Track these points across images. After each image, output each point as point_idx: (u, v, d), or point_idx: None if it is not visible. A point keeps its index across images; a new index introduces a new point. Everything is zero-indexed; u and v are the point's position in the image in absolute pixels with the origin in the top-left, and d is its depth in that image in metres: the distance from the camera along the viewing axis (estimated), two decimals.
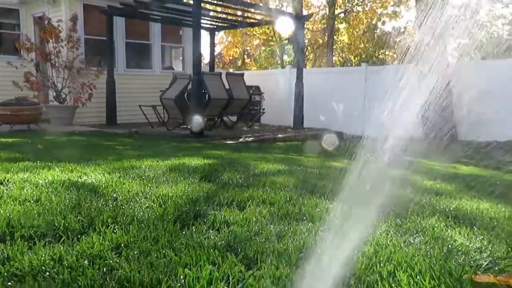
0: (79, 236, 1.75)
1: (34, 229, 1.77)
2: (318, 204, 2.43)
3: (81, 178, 2.85)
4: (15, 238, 1.67)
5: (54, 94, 9.56)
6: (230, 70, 20.58)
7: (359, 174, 3.94)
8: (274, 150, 6.76)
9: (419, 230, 2.01)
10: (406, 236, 1.90)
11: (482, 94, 10.70)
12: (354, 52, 26.26)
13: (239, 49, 28.70)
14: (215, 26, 12.42)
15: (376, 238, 1.83)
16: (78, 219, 1.93)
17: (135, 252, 1.57)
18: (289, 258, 1.56)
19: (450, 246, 1.76)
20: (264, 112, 12.25)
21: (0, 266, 1.42)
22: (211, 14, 12.21)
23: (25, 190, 2.43)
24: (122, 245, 1.65)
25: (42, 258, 1.47)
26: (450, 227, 2.08)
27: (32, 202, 2.20)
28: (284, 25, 12.13)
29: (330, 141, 9.00)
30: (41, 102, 9.25)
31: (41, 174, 2.96)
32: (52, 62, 9.45)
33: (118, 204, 2.24)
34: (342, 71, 15.35)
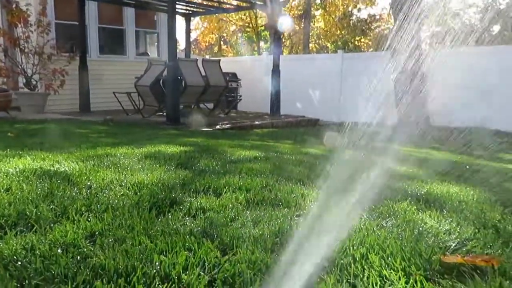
0: (52, 225, 1.72)
1: (5, 218, 1.73)
2: (293, 190, 2.46)
3: (53, 167, 2.79)
4: None
5: (24, 81, 9.26)
6: (207, 57, 20.39)
7: (334, 160, 4.00)
8: (251, 137, 6.77)
9: (392, 213, 2.06)
10: (379, 220, 1.95)
11: (455, 81, 10.94)
12: (330, 39, 26.39)
13: (216, 35, 28.42)
14: (191, 12, 12.23)
15: (349, 222, 1.87)
16: (50, 208, 1.89)
17: (110, 240, 1.56)
18: (264, 243, 1.57)
19: (420, 228, 1.81)
20: (241, 99, 12.22)
21: None
22: None
23: None
24: (97, 233, 1.63)
25: (14, 248, 1.45)
26: (421, 211, 2.14)
27: (2, 191, 2.15)
28: (261, 10, 12.03)
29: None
30: (10, 89, 8.96)
31: (11, 162, 2.88)
32: (21, 47, 9.14)
33: (92, 192, 2.21)
34: (319, 58, 15.41)
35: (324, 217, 1.96)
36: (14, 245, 1.47)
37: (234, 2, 11.61)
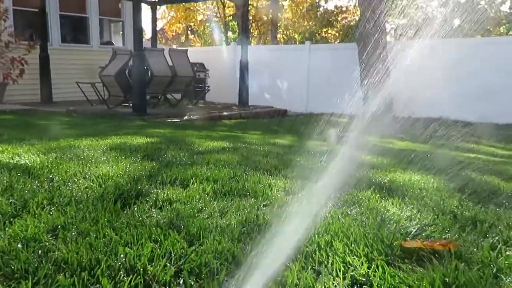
0: (12, 219, 1.66)
1: None
2: (261, 180, 2.47)
3: (13, 159, 2.69)
4: None
5: None
6: (174, 46, 20.04)
7: (301, 150, 4.06)
8: (219, 127, 6.75)
9: (356, 202, 2.11)
10: (344, 208, 1.99)
11: (418, 72, 11.24)
12: (298, 30, 26.49)
13: (182, 24, 27.98)
14: (157, 0, 11.98)
15: (315, 211, 1.91)
16: (10, 202, 1.83)
17: (73, 233, 1.53)
18: (231, 233, 1.58)
19: (383, 215, 1.87)
20: (209, 89, 12.14)
21: None
22: None
23: None
24: (59, 227, 1.59)
25: None
26: (384, 198, 2.20)
27: None
28: (229, 0, 11.93)
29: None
30: None
31: None
32: None
33: (54, 185, 2.15)
34: (287, 49, 15.48)
35: (290, 206, 1.99)
36: None
37: None
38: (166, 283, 1.21)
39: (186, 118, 8.10)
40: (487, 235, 1.65)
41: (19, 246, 1.40)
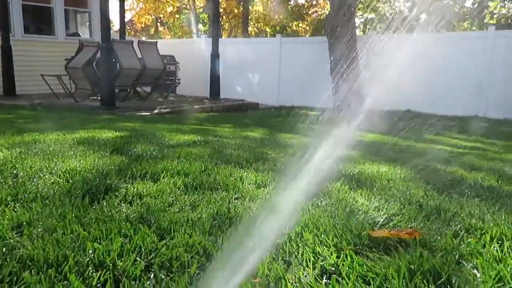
0: None
1: None
2: (232, 173, 2.47)
3: None
4: None
5: None
6: (143, 38, 19.67)
7: (272, 143, 4.08)
8: (190, 121, 6.69)
9: (326, 193, 2.15)
10: (314, 199, 2.02)
11: (386, 65, 11.47)
12: (269, 23, 26.49)
13: (152, 16, 27.47)
14: None
15: (285, 203, 1.93)
16: None
17: (39, 230, 1.49)
18: (202, 226, 1.58)
19: (352, 206, 1.91)
20: (179, 82, 12.00)
21: None
22: None
23: None
24: (24, 223, 1.55)
25: None
26: (353, 190, 2.25)
27: None
28: None
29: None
30: None
31: None
32: None
33: (19, 181, 2.08)
34: (258, 42, 15.46)
35: (261, 198, 2.01)
36: None
37: None
38: (136, 278, 1.20)
39: (156, 111, 7.99)
40: (450, 223, 1.71)
41: None
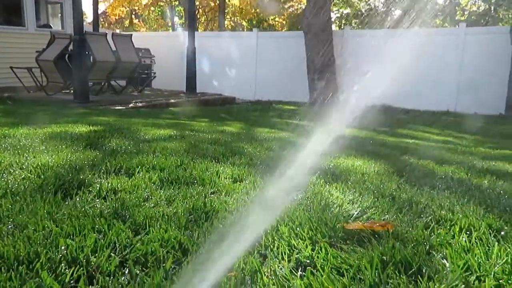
0: None
1: None
2: (208, 167, 2.47)
3: None
4: None
5: None
6: (117, 31, 19.31)
7: (249, 137, 4.08)
8: (166, 115, 6.62)
9: (302, 186, 2.17)
10: (290, 192, 2.04)
11: (363, 60, 11.62)
12: (245, 17, 26.39)
13: (126, 8, 26.94)
14: None
15: (262, 197, 1.94)
16: None
17: (9, 226, 1.45)
18: (178, 221, 1.57)
19: (327, 199, 1.94)
20: (155, 76, 11.85)
21: None
22: None
23: None
24: None
25: None
26: (328, 183, 2.28)
27: None
28: None
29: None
30: None
31: None
32: None
33: None
34: (235, 36, 15.40)
35: (238, 193, 2.01)
36: None
37: None
38: (110, 274, 1.19)
39: (131, 105, 7.87)
40: (422, 215, 1.76)
41: None
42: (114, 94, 9.34)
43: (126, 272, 1.21)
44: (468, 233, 1.58)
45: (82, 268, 1.19)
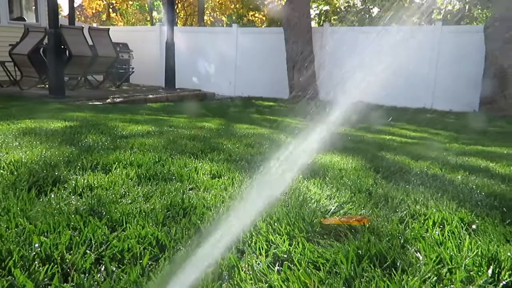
0: None
1: None
2: (187, 163, 2.46)
3: None
4: None
5: None
6: (94, 25, 18.94)
7: (228, 133, 4.07)
8: (144, 111, 6.54)
9: (280, 183, 2.18)
10: (268, 188, 2.05)
11: (341, 57, 11.74)
12: (225, 12, 26.25)
13: (103, 1, 26.44)
14: None
15: (240, 193, 1.94)
16: None
17: None
18: (156, 217, 1.56)
19: (305, 195, 1.95)
20: (133, 71, 11.68)
21: None
22: None
23: None
24: None
25: None
26: (306, 179, 2.30)
27: None
28: None
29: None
30: None
31: None
32: None
33: None
34: (214, 31, 15.30)
35: (216, 189, 2.01)
36: None
37: None
38: (86, 271, 1.18)
39: (109, 101, 7.75)
40: (397, 210, 1.80)
41: None
42: (91, 89, 9.18)
43: (102, 269, 1.20)
44: (441, 227, 1.62)
45: (56, 265, 1.18)
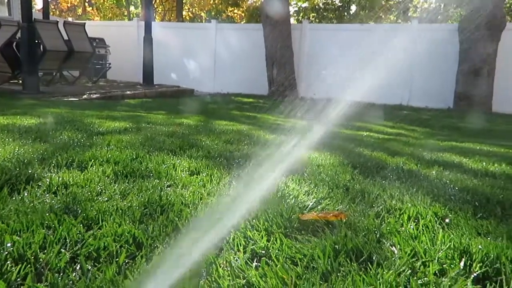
0: None
1: None
2: (165, 160, 2.43)
3: None
4: None
5: None
6: (69, 19, 18.51)
7: (207, 130, 4.05)
8: (121, 107, 6.46)
9: (259, 179, 2.18)
10: (246, 184, 2.05)
11: (320, 54, 11.82)
12: (204, 8, 26.06)
13: None
14: None
15: (219, 189, 1.94)
16: None
17: None
18: (133, 215, 1.55)
19: (283, 191, 1.96)
20: (110, 67, 11.49)
21: None
22: None
23: None
24: None
25: None
26: (285, 175, 2.31)
27: None
28: None
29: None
30: None
31: None
32: None
33: None
34: (193, 27, 15.20)
35: (195, 186, 2.00)
36: None
37: None
38: (60, 270, 1.15)
39: (85, 97, 7.61)
40: (374, 205, 1.82)
41: None
42: (66, 85, 9.00)
43: (78, 268, 1.18)
44: (416, 221, 1.65)
45: (30, 265, 1.15)
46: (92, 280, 1.11)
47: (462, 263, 1.27)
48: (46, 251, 1.23)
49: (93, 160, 2.31)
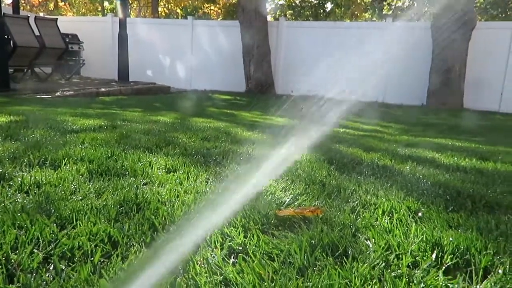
0: None
1: None
2: (141, 158, 2.41)
3: None
4: None
5: None
6: (41, 14, 18.03)
7: (183, 127, 4.03)
8: (96, 105, 6.34)
9: (236, 176, 2.19)
10: (222, 181, 2.05)
11: (297, 51, 11.88)
12: (180, 4, 25.80)
13: None
14: None
15: (196, 187, 1.93)
16: None
17: None
18: (108, 213, 1.53)
19: (260, 188, 1.97)
20: (84, 63, 11.26)
21: None
22: None
23: None
24: None
25: None
26: (262, 172, 2.31)
27: None
28: None
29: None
30: None
31: None
32: None
33: None
34: (169, 23, 15.02)
35: (171, 183, 1.98)
36: None
37: None
38: (33, 270, 1.13)
39: (58, 94, 7.43)
40: (349, 200, 1.85)
41: None
42: (38, 82, 8.77)
43: (51, 268, 1.16)
44: (390, 215, 1.69)
45: (1, 266, 1.12)
46: (66, 280, 1.09)
47: (434, 255, 1.30)
48: (18, 252, 1.20)
49: (66, 158, 2.27)
